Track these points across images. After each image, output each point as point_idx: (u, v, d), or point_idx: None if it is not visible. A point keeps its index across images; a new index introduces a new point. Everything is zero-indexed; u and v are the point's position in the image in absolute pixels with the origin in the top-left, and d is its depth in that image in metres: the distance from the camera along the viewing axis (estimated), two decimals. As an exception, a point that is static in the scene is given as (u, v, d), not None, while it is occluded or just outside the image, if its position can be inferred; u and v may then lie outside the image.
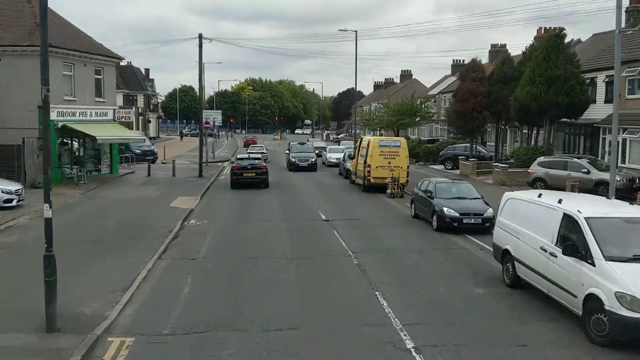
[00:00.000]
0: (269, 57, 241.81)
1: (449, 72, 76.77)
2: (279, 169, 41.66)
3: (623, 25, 21.44)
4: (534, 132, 35.43)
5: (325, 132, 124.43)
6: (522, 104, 30.87)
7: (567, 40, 32.03)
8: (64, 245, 13.71)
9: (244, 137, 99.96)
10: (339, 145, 59.36)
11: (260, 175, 31.43)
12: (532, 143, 35.26)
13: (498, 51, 60.58)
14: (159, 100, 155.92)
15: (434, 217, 19.33)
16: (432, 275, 13.89)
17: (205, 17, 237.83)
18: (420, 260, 15.40)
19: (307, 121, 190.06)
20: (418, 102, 58.70)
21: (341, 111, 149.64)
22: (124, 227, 19.15)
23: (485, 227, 18.62)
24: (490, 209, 18.94)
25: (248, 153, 43.50)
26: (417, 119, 58.26)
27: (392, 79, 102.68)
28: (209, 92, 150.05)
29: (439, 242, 17.67)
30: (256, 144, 64.41)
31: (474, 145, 40.16)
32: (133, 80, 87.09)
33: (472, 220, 18.64)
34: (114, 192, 27.50)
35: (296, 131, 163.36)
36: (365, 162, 29.67)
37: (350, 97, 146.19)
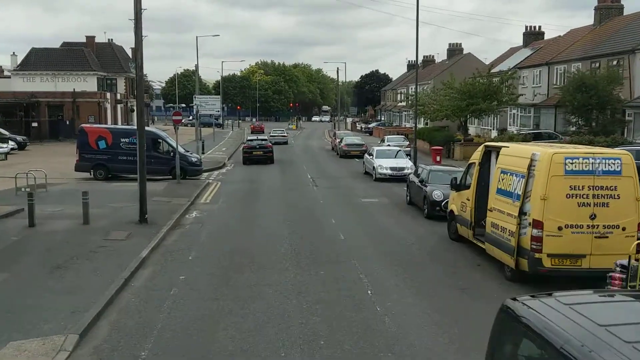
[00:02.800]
0: (282, 44, 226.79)
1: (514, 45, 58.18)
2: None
3: None
4: None
5: (349, 119, 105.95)
6: None
7: None
8: None
9: (251, 124, 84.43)
10: (384, 142, 41.27)
11: (267, 153, 37.34)
12: None
13: (610, 7, 42.14)
14: (157, 87, 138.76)
15: None
16: None
17: (218, 5, 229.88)
18: None
19: (325, 107, 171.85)
20: (498, 79, 40.46)
21: (364, 96, 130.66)
22: None
23: None
24: None
25: (271, 136, 50.30)
26: (494, 103, 40.05)
27: (432, 56, 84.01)
28: (216, 77, 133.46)
29: None
30: (263, 131, 61.69)
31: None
32: (112, 61, 69.54)
33: None
34: None
35: (313, 118, 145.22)
36: (521, 210, 11.61)
37: (374, 80, 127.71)
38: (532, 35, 55.20)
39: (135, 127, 35.55)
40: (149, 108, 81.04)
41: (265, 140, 40.62)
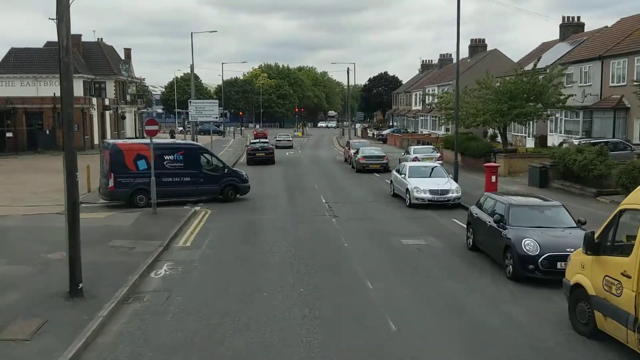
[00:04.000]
0: (286, 48, 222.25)
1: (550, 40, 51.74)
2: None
3: None
4: None
5: (358, 125, 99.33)
6: None
7: None
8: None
9: (254, 131, 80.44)
10: (409, 154, 34.73)
11: (269, 155, 40.61)
12: None
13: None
14: (157, 92, 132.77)
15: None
16: None
17: (221, 9, 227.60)
18: None
19: (331, 112, 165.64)
20: (545, 77, 34.05)
21: (372, 100, 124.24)
22: None
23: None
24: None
25: (277, 140, 57.18)
26: (539, 106, 33.63)
27: (449, 54, 77.53)
28: (218, 81, 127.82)
29: None
30: (266, 137, 61.48)
31: None
32: (101, 62, 63.38)
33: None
34: None
35: (319, 124, 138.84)
36: None
37: (383, 83, 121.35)
38: (571, 27, 48.76)
39: (184, 142, 31.73)
40: (143, 115, 74.79)
41: (267, 142, 45.98)
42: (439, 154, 33.49)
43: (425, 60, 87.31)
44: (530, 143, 45.10)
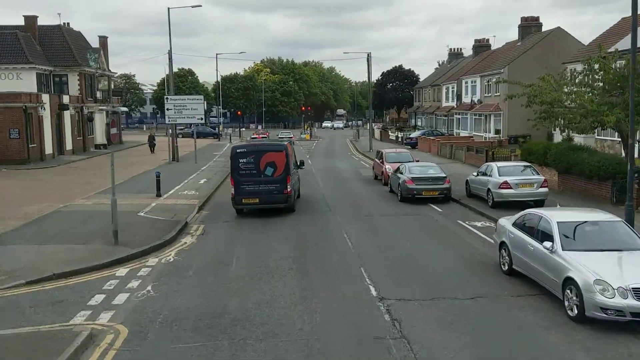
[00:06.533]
0: (290, 46, 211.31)
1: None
2: None
3: None
4: None
5: (372, 124, 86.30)
6: None
7: None
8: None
9: (254, 132, 73.08)
10: (488, 175, 21.82)
11: None
12: None
13: None
14: (149, 90, 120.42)
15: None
16: None
17: (225, 8, 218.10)
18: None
19: (340, 111, 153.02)
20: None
21: (386, 96, 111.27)
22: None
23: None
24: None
25: (279, 138, 56.05)
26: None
27: (486, 39, 64.93)
28: (214, 77, 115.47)
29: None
30: (267, 137, 58.20)
31: None
32: (62, 51, 51.04)
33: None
34: None
35: (324, 124, 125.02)
36: None
37: (398, 77, 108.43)
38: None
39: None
40: (118, 116, 62.50)
41: (266, 137, 53.39)
42: (542, 177, 20.81)
43: (454, 49, 74.66)
44: (620, 150, 32.58)
